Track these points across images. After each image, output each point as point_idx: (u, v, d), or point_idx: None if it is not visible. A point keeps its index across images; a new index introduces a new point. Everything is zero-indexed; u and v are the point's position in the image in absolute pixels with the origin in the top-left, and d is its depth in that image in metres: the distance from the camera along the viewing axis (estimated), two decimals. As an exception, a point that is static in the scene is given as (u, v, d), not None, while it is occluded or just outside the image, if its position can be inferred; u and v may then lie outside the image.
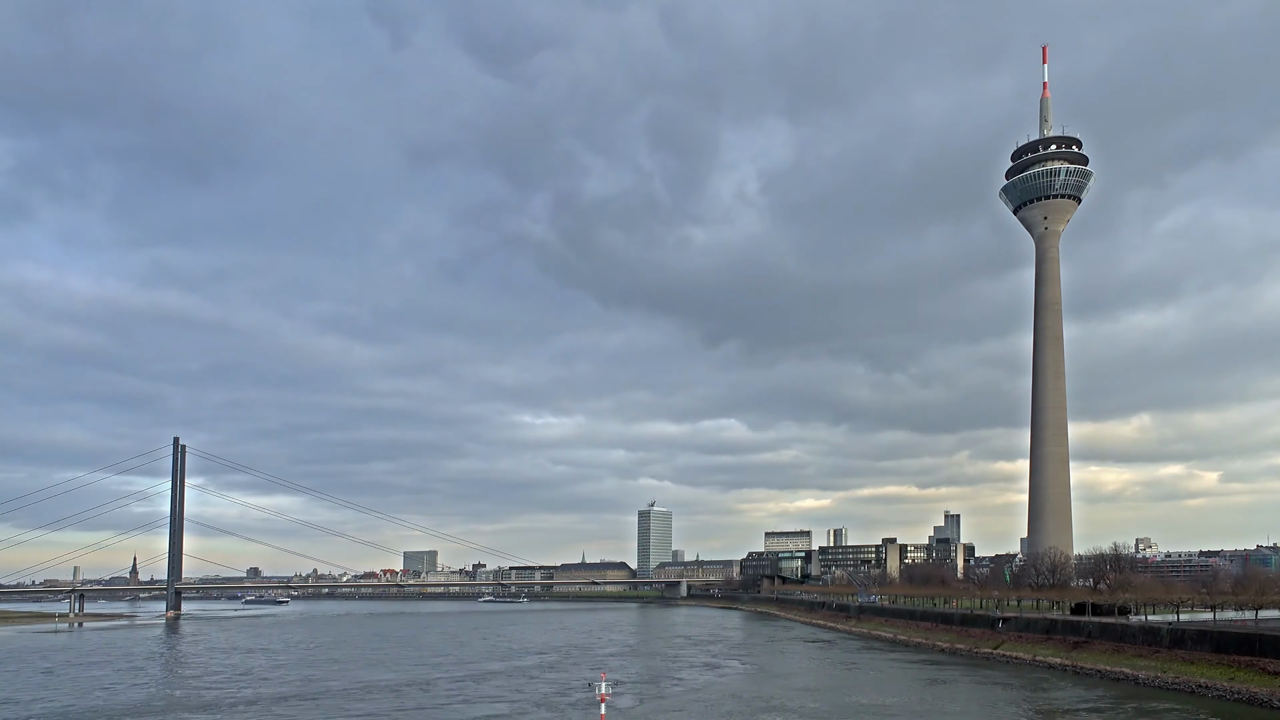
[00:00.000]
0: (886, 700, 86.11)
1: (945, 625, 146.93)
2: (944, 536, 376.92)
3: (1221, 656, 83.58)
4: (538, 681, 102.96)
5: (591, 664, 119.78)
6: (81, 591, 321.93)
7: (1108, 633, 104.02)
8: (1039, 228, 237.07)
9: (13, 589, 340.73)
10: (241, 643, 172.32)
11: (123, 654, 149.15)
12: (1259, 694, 75.31)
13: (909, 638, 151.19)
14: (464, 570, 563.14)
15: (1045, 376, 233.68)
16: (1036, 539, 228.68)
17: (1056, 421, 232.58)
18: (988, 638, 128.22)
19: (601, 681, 62.83)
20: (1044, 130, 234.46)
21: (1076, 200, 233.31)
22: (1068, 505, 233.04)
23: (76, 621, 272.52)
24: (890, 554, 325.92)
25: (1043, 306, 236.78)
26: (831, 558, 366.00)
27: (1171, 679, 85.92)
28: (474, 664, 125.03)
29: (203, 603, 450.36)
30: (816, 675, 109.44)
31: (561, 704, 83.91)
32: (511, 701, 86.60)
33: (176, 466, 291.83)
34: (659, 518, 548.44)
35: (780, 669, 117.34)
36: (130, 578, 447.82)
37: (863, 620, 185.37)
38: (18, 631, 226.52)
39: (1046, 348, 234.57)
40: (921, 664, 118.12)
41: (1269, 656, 78.32)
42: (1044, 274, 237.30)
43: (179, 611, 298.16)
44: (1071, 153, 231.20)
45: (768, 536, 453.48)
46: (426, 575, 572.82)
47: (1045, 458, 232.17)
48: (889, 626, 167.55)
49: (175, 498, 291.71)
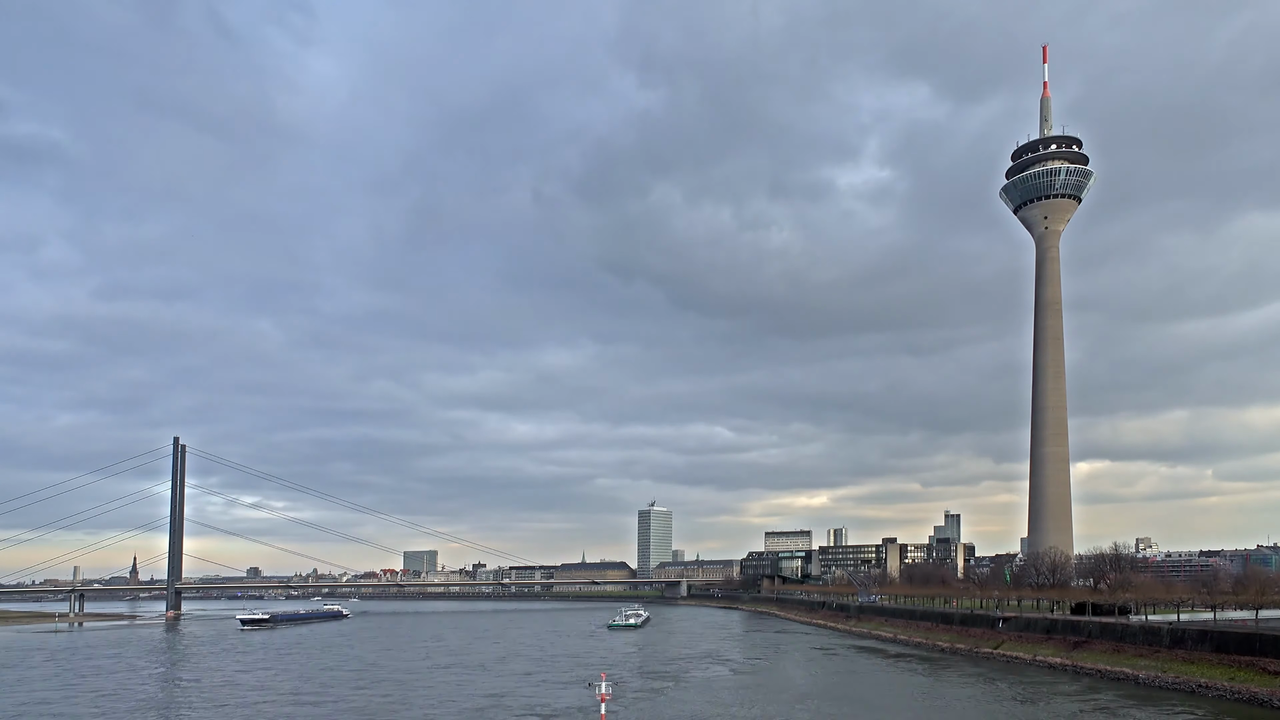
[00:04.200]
0: (887, 700, 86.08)
1: (945, 625, 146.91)
2: (944, 536, 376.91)
3: (1222, 656, 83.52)
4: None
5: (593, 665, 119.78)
6: (81, 591, 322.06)
7: (1108, 632, 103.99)
8: (1039, 227, 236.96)
9: (13, 589, 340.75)
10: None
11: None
12: (1259, 694, 75.25)
13: (909, 637, 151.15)
14: (464, 570, 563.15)
15: (1045, 376, 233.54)
16: (1036, 539, 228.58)
17: (1056, 421, 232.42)
18: (988, 637, 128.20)
19: (602, 681, 62.68)
20: (1044, 130, 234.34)
21: (1077, 200, 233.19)
22: (1068, 505, 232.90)
23: (76, 621, 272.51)
24: (890, 554, 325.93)
25: (1043, 306, 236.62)
26: (831, 558, 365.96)
27: (1172, 679, 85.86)
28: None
29: (203, 603, 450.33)
30: (816, 674, 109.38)
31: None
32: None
33: (176, 466, 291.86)
34: (659, 517, 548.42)
35: (780, 668, 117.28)
36: (130, 578, 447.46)
37: (863, 620, 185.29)
38: (16, 631, 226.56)
39: (1046, 348, 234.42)
40: (922, 664, 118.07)
41: (1269, 656, 78.26)
42: (1044, 274, 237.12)
43: (179, 611, 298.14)
44: (1072, 152, 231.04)
45: (768, 536, 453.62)
46: (427, 575, 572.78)
47: (1045, 457, 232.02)
48: (889, 626, 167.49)
49: (175, 498, 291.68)
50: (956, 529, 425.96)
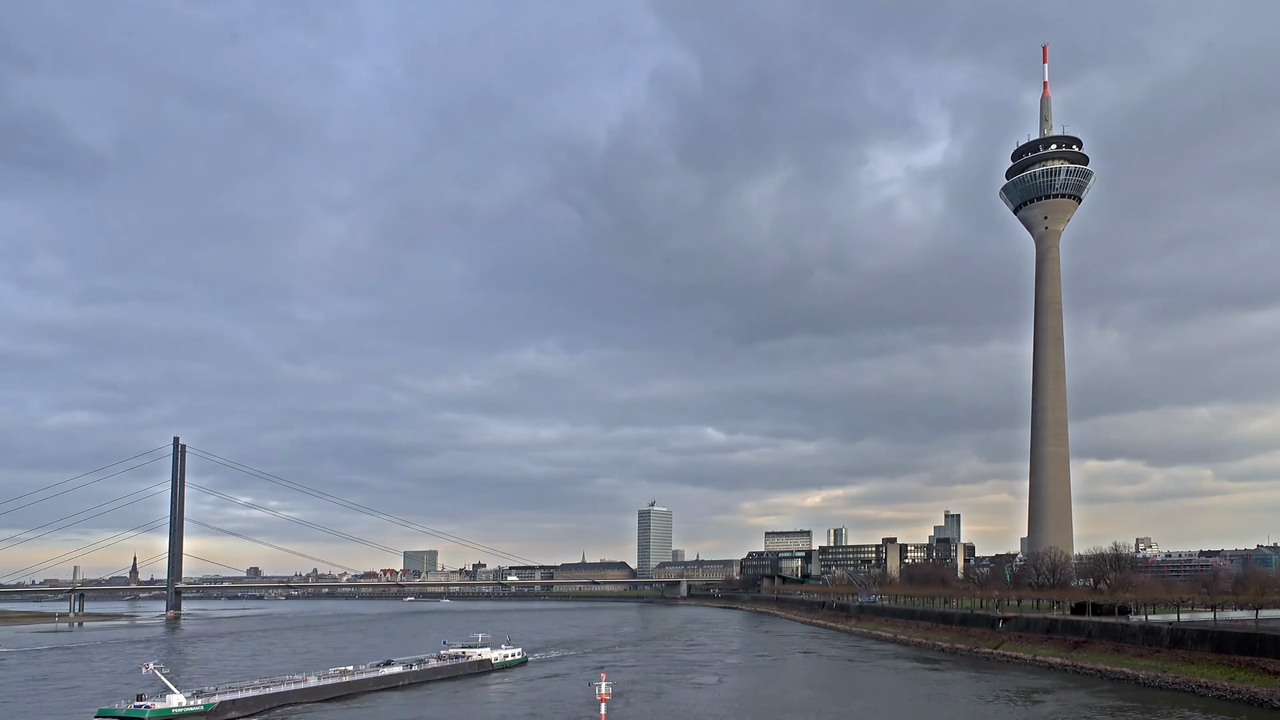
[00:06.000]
0: (887, 700, 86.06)
1: (945, 625, 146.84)
2: (944, 536, 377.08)
3: (1222, 656, 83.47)
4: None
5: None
6: (81, 591, 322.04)
7: (1108, 632, 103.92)
8: (1039, 227, 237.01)
9: (13, 589, 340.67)
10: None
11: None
12: (1259, 694, 75.19)
13: (909, 637, 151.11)
14: (464, 570, 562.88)
15: (1045, 376, 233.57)
16: (1036, 539, 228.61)
17: (1056, 421, 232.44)
18: (988, 637, 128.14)
19: (602, 681, 62.60)
20: (1044, 130, 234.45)
21: (1077, 200, 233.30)
22: (1068, 505, 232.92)
23: (76, 621, 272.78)
24: (890, 554, 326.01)
25: (1043, 306, 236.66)
26: (831, 557, 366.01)
27: (1172, 679, 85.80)
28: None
29: (203, 603, 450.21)
30: (816, 674, 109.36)
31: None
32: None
33: (176, 466, 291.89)
34: (659, 517, 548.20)
35: (780, 668, 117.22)
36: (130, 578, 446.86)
37: (863, 620, 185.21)
38: (15, 631, 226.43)
39: (1046, 347, 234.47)
40: (922, 664, 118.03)
41: (1269, 656, 78.22)
42: (1044, 273, 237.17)
43: (179, 611, 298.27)
44: (1072, 152, 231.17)
45: (768, 536, 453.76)
46: (426, 575, 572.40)
47: (1045, 458, 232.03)
48: (889, 626, 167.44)
49: (175, 498, 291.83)
50: (956, 529, 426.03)
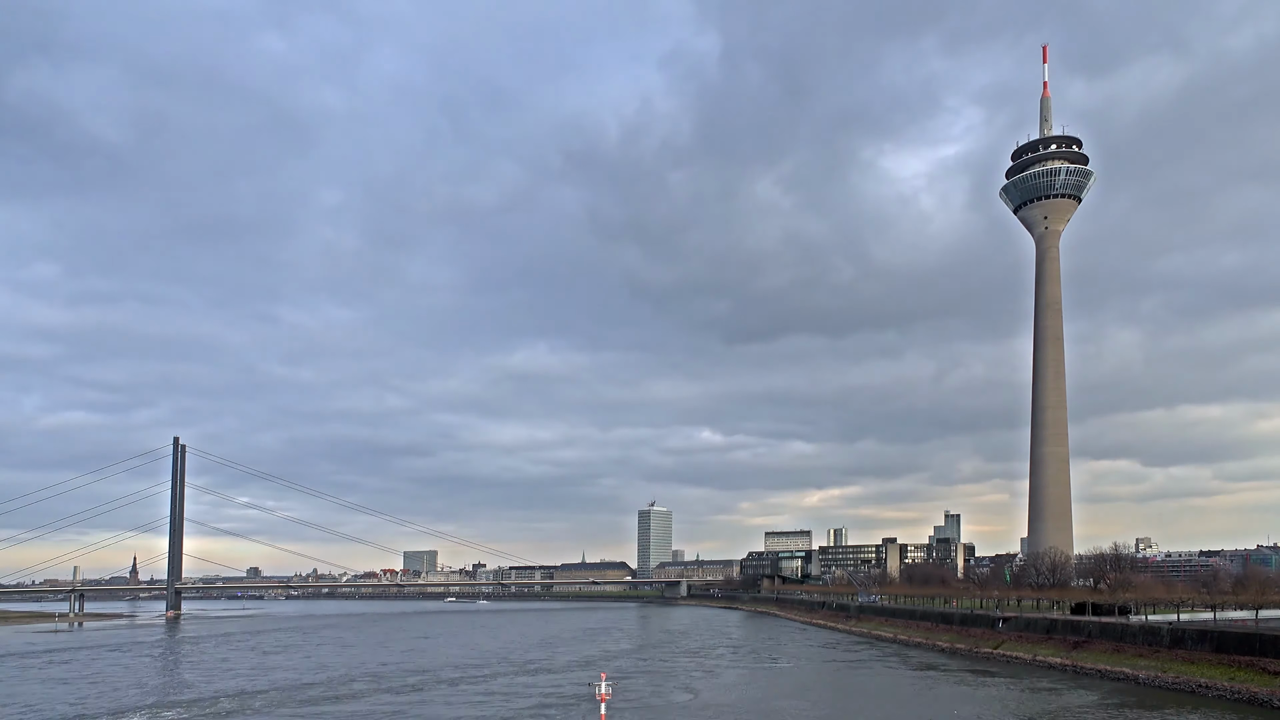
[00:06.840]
0: (886, 700, 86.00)
1: (945, 625, 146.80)
2: (944, 536, 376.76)
3: (1222, 656, 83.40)
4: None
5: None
6: (81, 591, 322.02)
7: (1108, 632, 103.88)
8: (1039, 227, 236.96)
9: (13, 589, 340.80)
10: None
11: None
12: (1259, 694, 75.13)
13: (909, 637, 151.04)
14: (464, 570, 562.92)
15: (1045, 376, 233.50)
16: (1036, 539, 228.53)
17: (1056, 421, 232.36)
18: (988, 637, 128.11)
19: (602, 681, 62.54)
20: (1044, 130, 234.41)
21: (1077, 200, 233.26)
22: (1068, 505, 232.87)
23: (76, 621, 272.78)
24: (890, 554, 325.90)
25: (1043, 306, 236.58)
26: (831, 558, 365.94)
27: (1172, 679, 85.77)
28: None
29: (203, 603, 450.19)
30: (816, 674, 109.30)
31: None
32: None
33: (176, 466, 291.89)
34: (659, 517, 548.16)
35: (780, 669, 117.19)
36: (130, 577, 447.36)
37: (863, 620, 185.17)
38: (14, 631, 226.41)
39: (1046, 347, 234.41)
40: (922, 664, 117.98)
41: (1269, 656, 78.14)
42: (1044, 273, 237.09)
43: (179, 611, 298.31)
44: (1072, 152, 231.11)
45: (768, 536, 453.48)
46: (426, 575, 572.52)
47: (1045, 458, 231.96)
48: (889, 626, 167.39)
49: (175, 498, 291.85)
50: (956, 529, 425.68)
